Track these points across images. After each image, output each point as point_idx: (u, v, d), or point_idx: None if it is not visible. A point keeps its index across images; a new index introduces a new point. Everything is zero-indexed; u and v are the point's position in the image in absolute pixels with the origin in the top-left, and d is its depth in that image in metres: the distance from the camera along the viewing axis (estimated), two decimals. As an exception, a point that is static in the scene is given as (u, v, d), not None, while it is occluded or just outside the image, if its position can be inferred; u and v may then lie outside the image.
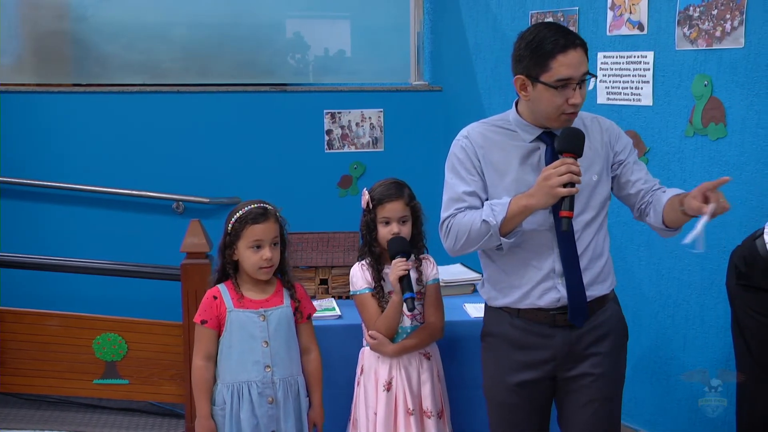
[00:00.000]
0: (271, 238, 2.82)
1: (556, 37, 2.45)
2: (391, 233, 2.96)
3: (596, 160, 2.60)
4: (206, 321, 2.85)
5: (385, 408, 2.96)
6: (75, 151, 5.05)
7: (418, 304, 3.01)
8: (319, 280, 3.53)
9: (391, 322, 2.96)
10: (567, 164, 2.40)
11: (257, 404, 2.84)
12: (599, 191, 2.60)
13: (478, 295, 3.56)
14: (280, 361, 2.86)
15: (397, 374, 2.99)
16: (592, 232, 2.59)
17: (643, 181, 2.63)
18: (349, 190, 5.33)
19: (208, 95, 5.22)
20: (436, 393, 3.03)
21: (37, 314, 4.27)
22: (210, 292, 2.89)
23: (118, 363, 4.22)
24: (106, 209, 5.06)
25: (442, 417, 3.04)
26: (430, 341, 3.05)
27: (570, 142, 2.46)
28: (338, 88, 5.45)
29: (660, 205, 2.54)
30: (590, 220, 2.59)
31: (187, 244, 3.98)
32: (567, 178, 2.39)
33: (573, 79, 2.45)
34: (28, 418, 4.29)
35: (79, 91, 5.20)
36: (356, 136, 5.33)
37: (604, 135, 2.64)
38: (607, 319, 2.65)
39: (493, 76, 4.86)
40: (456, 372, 3.20)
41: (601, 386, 2.62)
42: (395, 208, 2.97)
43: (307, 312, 2.95)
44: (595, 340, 2.62)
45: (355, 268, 3.06)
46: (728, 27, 3.40)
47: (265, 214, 2.83)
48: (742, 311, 3.10)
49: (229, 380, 2.86)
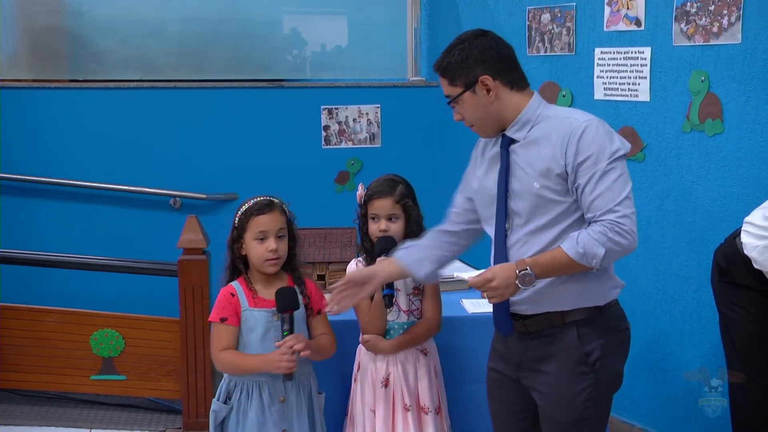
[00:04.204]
0: (276, 229, 2.83)
1: None
2: (379, 230, 2.98)
3: (546, 165, 2.46)
4: (226, 318, 2.83)
5: (384, 404, 2.98)
6: (71, 147, 5.05)
7: (416, 299, 3.03)
8: (317, 276, 3.55)
9: (376, 320, 2.97)
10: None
11: (267, 403, 2.84)
12: (548, 200, 2.47)
13: (475, 290, 3.58)
14: None
15: (394, 370, 3.01)
16: (544, 242, 2.49)
17: (586, 209, 2.45)
18: (347, 186, 5.35)
19: (204, 91, 5.23)
20: (434, 389, 3.05)
21: (34, 310, 4.29)
22: (226, 290, 2.88)
23: (115, 359, 4.24)
24: (103, 205, 5.08)
25: (440, 413, 3.06)
26: (427, 337, 3.07)
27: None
28: (335, 83, 5.47)
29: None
30: (539, 229, 2.49)
31: (183, 240, 4.00)
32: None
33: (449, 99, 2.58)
34: (26, 414, 4.31)
35: (75, 87, 5.22)
36: (353, 132, 5.34)
37: (563, 140, 2.45)
38: (556, 341, 2.55)
39: (490, 72, 4.88)
40: (454, 367, 3.22)
41: (549, 406, 2.58)
42: (383, 206, 2.99)
43: (318, 306, 2.95)
44: (541, 357, 2.58)
45: (351, 265, 3.10)
46: (725, 23, 3.43)
47: (270, 205, 2.85)
48: (726, 307, 3.15)
49: (238, 378, 2.87)
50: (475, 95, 2.52)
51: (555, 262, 2.41)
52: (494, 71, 2.51)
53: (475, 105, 2.54)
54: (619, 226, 2.36)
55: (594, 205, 2.39)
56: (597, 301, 2.53)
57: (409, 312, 3.02)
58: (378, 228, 2.98)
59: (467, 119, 2.57)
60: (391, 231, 2.98)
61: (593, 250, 2.36)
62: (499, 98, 2.52)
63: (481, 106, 2.53)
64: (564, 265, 2.41)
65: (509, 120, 2.54)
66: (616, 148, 2.42)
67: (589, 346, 2.52)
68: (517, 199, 2.51)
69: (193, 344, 4.04)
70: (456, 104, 2.57)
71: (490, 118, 2.55)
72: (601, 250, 2.36)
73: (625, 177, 2.42)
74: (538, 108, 2.54)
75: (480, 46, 2.53)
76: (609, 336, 2.55)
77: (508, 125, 2.54)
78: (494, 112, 2.53)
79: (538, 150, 2.48)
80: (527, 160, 2.49)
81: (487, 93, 2.51)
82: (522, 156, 2.51)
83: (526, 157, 2.50)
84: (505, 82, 2.53)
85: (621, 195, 2.38)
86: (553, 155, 2.44)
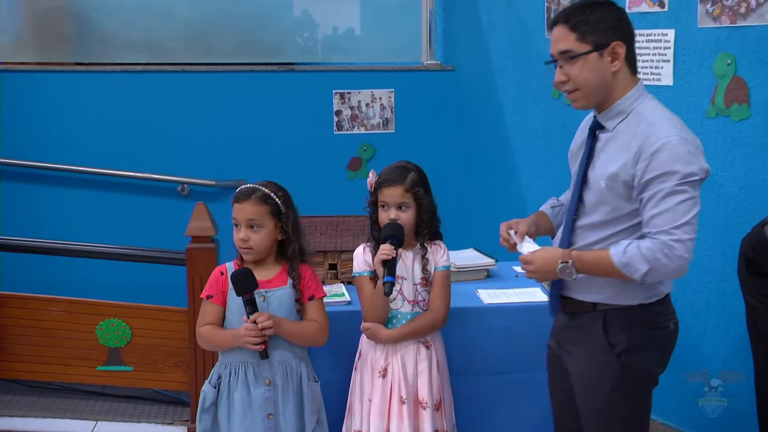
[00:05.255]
0: (246, 219, 2.86)
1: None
2: (389, 219, 2.95)
3: (616, 169, 2.48)
4: (212, 296, 2.91)
5: (380, 395, 2.96)
6: (76, 132, 5.05)
7: (423, 290, 3.00)
8: (328, 264, 3.53)
9: (377, 308, 2.95)
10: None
11: (253, 385, 2.87)
12: (611, 201, 2.50)
13: (491, 280, 3.56)
14: (279, 343, 2.88)
15: (393, 361, 2.98)
16: (592, 239, 2.55)
17: (645, 223, 2.45)
18: (359, 173, 5.32)
19: (212, 74, 5.21)
20: (434, 384, 3.01)
21: (39, 299, 4.27)
22: (218, 269, 2.96)
23: (121, 349, 4.23)
24: (109, 192, 5.07)
25: (440, 408, 3.01)
26: (430, 330, 3.03)
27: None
28: (348, 67, 5.44)
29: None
30: (594, 225, 2.55)
31: (192, 227, 3.98)
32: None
33: (554, 58, 2.54)
34: (30, 405, 4.30)
35: (80, 70, 5.20)
36: (366, 117, 5.31)
37: (638, 151, 2.45)
38: (583, 327, 2.62)
39: (507, 55, 4.83)
40: (464, 360, 3.19)
41: (578, 388, 2.67)
42: (392, 194, 2.96)
43: (309, 293, 2.95)
44: (572, 339, 2.67)
45: (358, 250, 3.06)
46: (753, 3, 3.37)
47: (248, 194, 2.87)
48: (753, 298, 3.13)
49: (228, 360, 2.91)
50: (600, 59, 2.48)
51: (599, 263, 2.46)
52: (626, 43, 2.50)
53: (594, 69, 2.49)
54: (670, 249, 2.36)
55: (652, 222, 2.39)
56: (637, 300, 2.55)
57: (414, 302, 2.99)
58: (387, 216, 2.95)
59: (574, 81, 2.51)
60: (401, 220, 2.94)
61: (636, 265, 2.38)
62: (619, 72, 2.50)
63: (600, 72, 2.49)
64: (606, 269, 2.45)
65: (612, 99, 2.52)
66: (691, 172, 2.37)
67: (615, 337, 2.54)
68: (587, 189, 2.56)
69: (201, 335, 4.03)
70: (569, 63, 2.51)
71: (601, 88, 2.51)
72: (644, 267, 2.37)
73: (692, 202, 2.38)
74: (636, 100, 2.51)
75: (616, 14, 2.52)
76: (639, 330, 2.55)
77: (608, 105, 2.53)
78: (608, 83, 2.51)
79: (615, 151, 2.48)
80: (605, 155, 2.52)
81: (612, 61, 2.49)
82: (603, 148, 2.54)
83: (606, 152, 2.52)
84: (628, 58, 2.51)
85: (682, 219, 2.36)
86: (625, 162, 2.44)
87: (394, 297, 2.95)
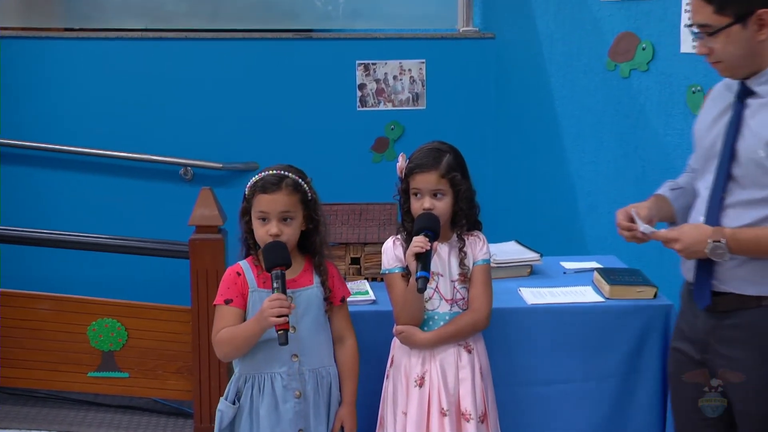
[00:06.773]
0: (279, 212, 2.83)
1: None
2: (422, 208, 2.95)
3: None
4: (231, 300, 2.87)
5: (417, 407, 2.96)
6: (66, 108, 5.08)
7: (462, 287, 3.01)
8: (350, 259, 3.54)
9: (411, 308, 2.95)
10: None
11: (281, 399, 2.86)
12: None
13: (535, 277, 3.56)
14: (310, 350, 2.88)
15: (431, 368, 2.98)
16: (749, 219, 2.57)
17: None
18: (385, 155, 5.34)
19: (219, 42, 5.23)
20: (478, 392, 3.02)
21: (24, 296, 4.31)
22: (232, 269, 2.92)
23: (116, 353, 4.27)
24: (103, 175, 5.11)
25: (485, 421, 3.03)
26: (472, 332, 3.04)
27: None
28: (373, 35, 5.45)
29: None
30: (751, 203, 2.58)
31: (196, 216, 4.01)
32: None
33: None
34: (13, 416, 4.34)
35: (70, 36, 5.24)
36: (393, 92, 5.33)
37: None
38: (746, 326, 2.63)
39: (555, 22, 4.83)
40: (504, 368, 3.19)
41: (739, 395, 2.67)
42: (427, 180, 2.95)
43: (341, 294, 2.96)
44: (730, 340, 2.66)
45: (387, 243, 3.07)
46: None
47: (278, 183, 2.84)
48: None
49: (249, 372, 2.89)
50: (744, 30, 2.53)
51: (759, 242, 2.51)
52: None
53: (739, 40, 2.55)
54: None
55: None
56: None
57: (452, 301, 3.00)
58: (421, 206, 2.95)
59: (718, 54, 2.58)
60: (437, 210, 2.94)
61: None
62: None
63: (746, 44, 2.55)
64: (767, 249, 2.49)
65: (762, 67, 2.57)
66: None
67: None
68: (736, 163, 2.58)
69: (206, 337, 4.04)
70: (710, 36, 2.57)
71: (748, 59, 2.57)
72: None
73: None
74: None
75: None
76: None
77: (757, 73, 2.57)
78: (756, 53, 2.56)
79: None
80: (761, 121, 2.54)
81: (758, 30, 2.53)
82: (756, 115, 2.56)
83: (759, 118, 2.55)
84: None
85: None
86: None
87: (430, 296, 2.96)
